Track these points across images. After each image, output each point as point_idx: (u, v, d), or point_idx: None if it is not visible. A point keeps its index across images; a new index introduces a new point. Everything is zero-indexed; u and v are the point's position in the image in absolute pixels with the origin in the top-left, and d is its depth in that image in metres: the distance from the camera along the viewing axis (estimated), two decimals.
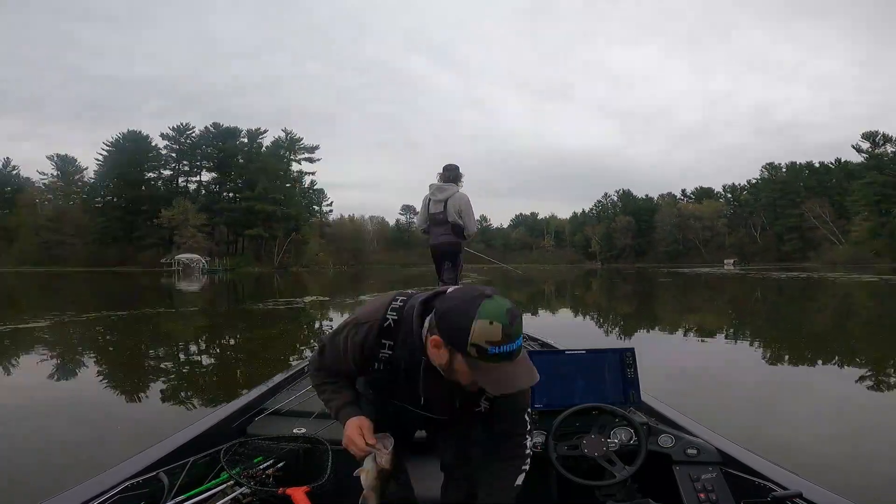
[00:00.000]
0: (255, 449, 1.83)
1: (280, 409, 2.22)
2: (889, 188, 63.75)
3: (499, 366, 1.10)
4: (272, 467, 1.74)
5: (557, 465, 1.73)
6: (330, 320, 11.83)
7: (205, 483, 1.59)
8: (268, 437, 1.93)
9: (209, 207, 67.95)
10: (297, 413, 2.19)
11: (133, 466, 1.52)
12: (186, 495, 1.48)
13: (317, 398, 2.23)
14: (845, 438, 3.66)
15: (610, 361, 2.06)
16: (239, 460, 1.73)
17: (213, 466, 1.69)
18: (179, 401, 4.69)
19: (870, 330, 9.89)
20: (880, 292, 19.30)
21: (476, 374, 1.11)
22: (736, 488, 1.62)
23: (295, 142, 77.23)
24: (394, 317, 1.29)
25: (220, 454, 1.69)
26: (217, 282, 33.78)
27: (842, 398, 4.71)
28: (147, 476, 1.48)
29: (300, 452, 1.87)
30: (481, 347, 1.07)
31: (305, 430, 1.97)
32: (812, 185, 78.98)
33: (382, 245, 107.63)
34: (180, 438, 1.76)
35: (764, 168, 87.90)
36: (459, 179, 4.62)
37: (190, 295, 21.55)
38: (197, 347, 8.01)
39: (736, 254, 78.79)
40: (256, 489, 1.57)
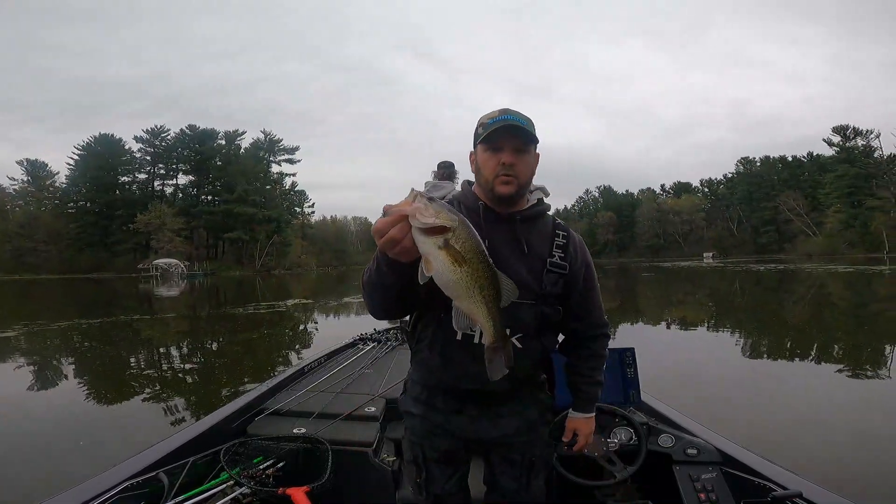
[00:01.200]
0: (255, 449, 1.83)
1: (280, 409, 2.21)
2: (860, 180, 65.61)
3: (496, 130, 1.22)
4: (272, 467, 1.74)
5: (557, 465, 1.71)
6: (315, 323, 11.64)
7: (205, 483, 1.59)
8: (268, 437, 1.93)
9: (187, 211, 66.81)
10: (297, 413, 2.18)
11: (133, 466, 1.50)
12: (186, 495, 1.47)
13: (317, 398, 2.32)
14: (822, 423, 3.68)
15: (610, 361, 2.02)
16: (239, 460, 1.73)
17: (213, 466, 1.68)
18: (146, 417, 4.48)
19: (855, 319, 10.10)
20: (857, 282, 19.80)
21: (481, 143, 1.26)
22: (736, 488, 1.61)
23: (274, 143, 76.36)
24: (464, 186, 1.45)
25: (220, 454, 1.69)
26: (197, 287, 33.15)
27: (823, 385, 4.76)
28: (147, 476, 1.47)
29: (300, 452, 1.86)
30: (485, 124, 1.25)
31: (305, 430, 1.96)
32: (786, 179, 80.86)
33: (366, 246, 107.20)
34: (180, 438, 1.74)
35: (739, 162, 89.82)
36: (455, 176, 4.48)
37: (168, 301, 21.08)
38: (171, 357, 7.78)
39: (714, 247, 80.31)
40: (256, 489, 1.57)
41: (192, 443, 1.74)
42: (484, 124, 1.25)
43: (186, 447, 1.71)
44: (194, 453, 1.69)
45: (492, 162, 1.25)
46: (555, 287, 1.29)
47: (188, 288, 31.50)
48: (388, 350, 3.45)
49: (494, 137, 1.23)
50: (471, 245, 0.84)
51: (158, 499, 1.46)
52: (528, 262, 1.27)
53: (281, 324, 11.20)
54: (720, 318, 10.92)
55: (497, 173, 1.24)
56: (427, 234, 0.82)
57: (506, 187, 1.25)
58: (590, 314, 1.40)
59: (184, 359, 7.20)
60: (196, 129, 71.43)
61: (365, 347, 3.50)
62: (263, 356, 7.32)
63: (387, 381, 2.59)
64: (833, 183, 68.83)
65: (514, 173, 1.24)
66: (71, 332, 10.12)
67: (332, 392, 2.44)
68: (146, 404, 4.78)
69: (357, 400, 2.29)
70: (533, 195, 1.35)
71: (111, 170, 68.08)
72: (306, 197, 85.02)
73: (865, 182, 65.22)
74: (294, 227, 77.54)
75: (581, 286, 1.35)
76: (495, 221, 1.29)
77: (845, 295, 15.58)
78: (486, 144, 1.25)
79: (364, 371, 2.84)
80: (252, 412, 2.16)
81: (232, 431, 1.97)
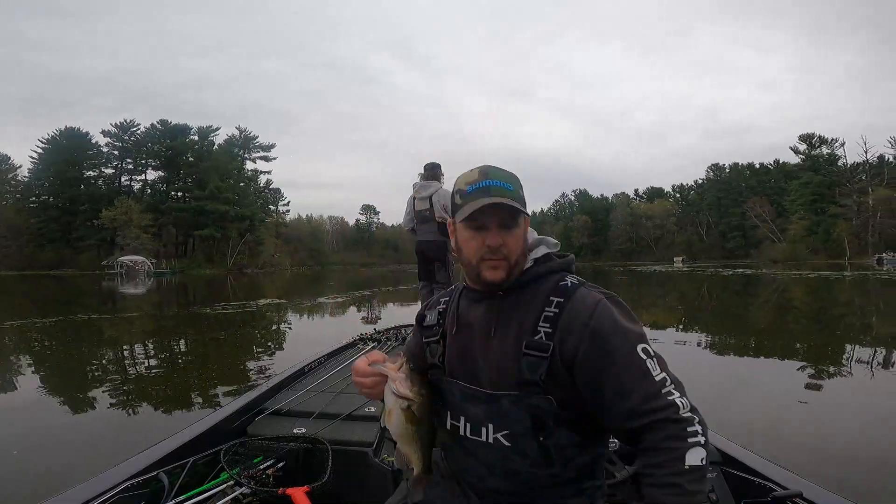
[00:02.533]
0: (255, 449, 1.83)
1: (280, 409, 2.20)
2: (823, 188, 68.29)
3: (476, 202, 1.02)
4: (272, 467, 1.73)
5: None
6: (288, 324, 11.35)
7: (205, 483, 1.58)
8: (268, 437, 1.92)
9: (156, 207, 65.10)
10: (297, 413, 2.18)
11: (133, 466, 1.48)
12: (186, 495, 1.47)
13: (317, 398, 2.34)
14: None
15: None
16: (239, 460, 1.72)
17: (213, 466, 1.68)
18: (91, 433, 4.21)
19: (814, 322, 10.39)
20: (820, 287, 20.50)
21: (457, 217, 1.06)
22: (736, 488, 1.61)
23: (250, 140, 75.10)
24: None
25: (220, 454, 1.68)
26: (165, 285, 32.14)
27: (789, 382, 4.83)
28: (147, 476, 1.46)
29: (300, 452, 1.86)
30: (462, 191, 1.06)
31: (305, 430, 1.96)
32: (753, 186, 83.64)
33: (342, 245, 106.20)
34: (180, 438, 1.72)
35: (710, 169, 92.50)
36: (441, 177, 4.63)
37: (132, 299, 20.34)
38: (126, 359, 7.43)
39: (684, 252, 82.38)
40: (256, 489, 1.56)
41: (192, 443, 1.72)
42: (461, 192, 1.05)
43: (186, 447, 1.69)
44: (194, 453, 1.68)
45: (474, 243, 1.04)
46: (534, 374, 0.99)
47: (154, 286, 30.51)
48: (387, 350, 3.43)
49: (476, 216, 1.02)
50: (425, 412, 1.03)
51: (158, 499, 1.45)
52: (502, 346, 1.04)
53: (251, 324, 10.87)
54: (700, 321, 11.08)
55: (482, 256, 1.04)
56: (397, 396, 1.01)
57: (494, 272, 1.04)
58: (623, 399, 0.95)
59: (138, 362, 6.87)
60: (168, 123, 69.69)
61: (365, 347, 3.49)
62: (230, 360, 7.05)
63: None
64: (798, 190, 71.43)
65: (504, 254, 1.03)
66: (23, 330, 9.60)
67: (332, 392, 2.44)
68: (81, 410, 4.50)
69: (357, 400, 2.29)
70: (534, 253, 1.12)
71: (76, 164, 65.99)
72: (281, 195, 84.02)
73: (829, 190, 67.89)
74: (268, 225, 76.29)
75: (589, 366, 0.98)
76: (475, 300, 1.12)
77: (829, 299, 16.08)
78: (467, 223, 1.04)
79: None
80: (252, 412, 2.15)
81: (232, 431, 1.96)
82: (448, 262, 4.61)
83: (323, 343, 3.76)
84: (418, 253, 4.69)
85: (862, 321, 10.21)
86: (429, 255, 4.61)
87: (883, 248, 57.16)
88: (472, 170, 1.07)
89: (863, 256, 58.55)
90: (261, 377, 5.30)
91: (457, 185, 1.08)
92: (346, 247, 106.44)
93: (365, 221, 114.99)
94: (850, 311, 12.29)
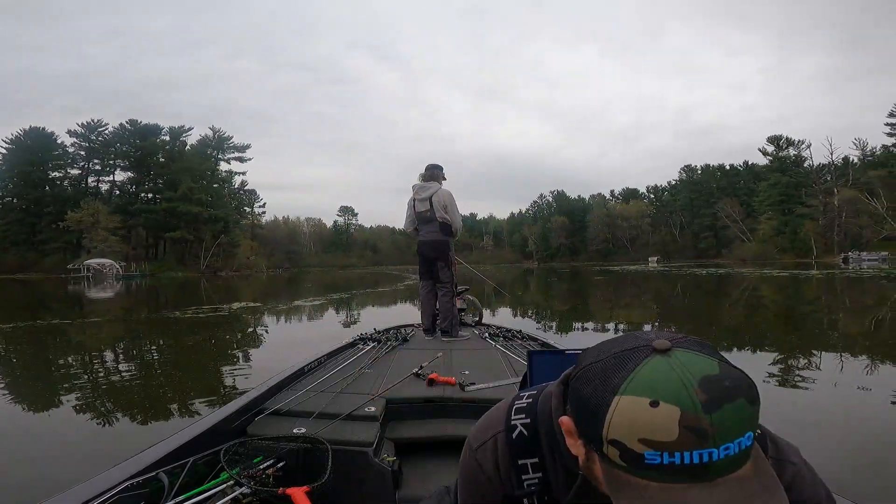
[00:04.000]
0: (255, 449, 1.82)
1: (280, 409, 2.20)
2: (791, 189, 70.53)
3: (666, 488, 0.55)
4: (272, 467, 1.73)
5: None
6: (265, 327, 11.04)
7: (205, 483, 1.57)
8: (268, 437, 1.92)
9: (124, 209, 63.24)
10: (297, 413, 2.17)
11: (133, 466, 1.48)
12: (186, 495, 1.46)
13: (317, 398, 2.34)
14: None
15: None
16: (239, 460, 1.72)
17: (213, 466, 1.68)
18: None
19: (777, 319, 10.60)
20: (788, 285, 21.06)
21: (618, 496, 0.58)
22: None
23: (224, 140, 73.74)
24: (523, 420, 0.80)
25: (220, 454, 1.68)
26: (134, 288, 31.13)
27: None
28: (147, 476, 1.46)
29: (300, 452, 1.86)
30: (628, 450, 0.55)
31: (305, 430, 1.95)
32: (724, 187, 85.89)
33: (320, 247, 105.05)
34: (180, 438, 1.71)
35: (682, 170, 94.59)
36: (441, 177, 4.55)
37: (98, 304, 19.60)
38: (83, 368, 7.07)
39: (658, 252, 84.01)
40: (256, 489, 1.56)
41: (192, 443, 1.71)
42: (623, 446, 0.56)
43: (186, 447, 1.68)
44: (194, 453, 1.67)
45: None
46: None
47: (124, 290, 29.52)
48: (388, 350, 3.44)
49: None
50: None
51: (158, 499, 1.44)
52: None
53: (224, 329, 10.53)
54: (677, 319, 11.20)
55: None
56: None
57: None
58: None
59: (94, 371, 6.54)
60: (137, 123, 67.72)
61: (365, 347, 3.48)
62: (199, 368, 6.77)
63: (387, 381, 2.61)
64: (766, 191, 73.60)
65: None
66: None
67: (332, 392, 2.43)
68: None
69: (357, 400, 2.28)
70: None
71: (41, 164, 63.64)
72: (257, 196, 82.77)
73: (796, 190, 70.15)
74: (243, 227, 74.99)
75: None
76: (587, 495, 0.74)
77: (797, 297, 16.48)
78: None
79: (364, 371, 2.85)
80: (252, 412, 2.14)
81: (232, 431, 1.95)
82: (451, 262, 4.57)
83: (301, 349, 3.64)
84: (420, 253, 4.64)
85: (829, 317, 10.47)
86: (432, 254, 4.56)
87: (848, 247, 59.37)
88: (662, 406, 0.53)
89: (829, 255, 60.65)
90: (232, 391, 5.07)
91: (613, 426, 0.56)
92: (324, 248, 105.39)
93: (343, 223, 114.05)
94: (818, 309, 12.62)
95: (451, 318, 4.29)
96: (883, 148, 66.52)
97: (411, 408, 2.36)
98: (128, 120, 67.97)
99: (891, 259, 47.17)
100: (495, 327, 4.63)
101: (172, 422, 4.03)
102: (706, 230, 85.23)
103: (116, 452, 1.71)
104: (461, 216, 4.68)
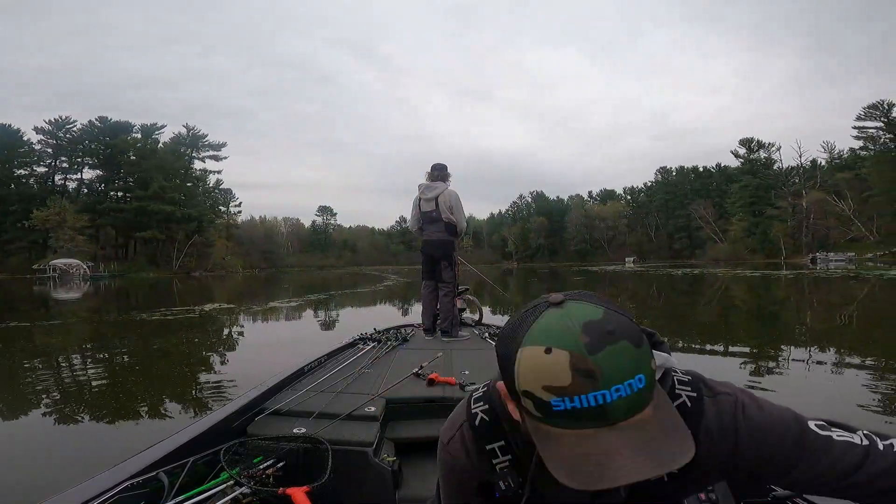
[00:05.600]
0: (255, 449, 1.82)
1: (280, 409, 2.19)
2: (761, 191, 72.44)
3: (577, 435, 0.59)
4: (272, 467, 1.73)
5: None
6: (241, 327, 10.70)
7: (205, 483, 1.58)
8: (268, 437, 1.92)
9: (92, 207, 61.37)
10: (297, 413, 2.17)
11: (133, 466, 1.48)
12: (186, 495, 1.47)
13: (317, 398, 2.35)
14: None
15: None
16: (239, 460, 1.72)
17: (213, 466, 1.68)
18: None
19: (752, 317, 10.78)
20: (759, 285, 21.54)
21: (544, 450, 0.61)
22: (736, 488, 1.53)
23: (198, 138, 72.14)
24: (482, 407, 0.84)
25: (220, 454, 1.69)
26: (102, 289, 30.10)
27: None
28: (147, 476, 1.46)
29: (300, 452, 1.86)
30: (537, 398, 0.60)
31: (305, 430, 1.95)
32: (698, 188, 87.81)
33: (298, 247, 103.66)
34: (180, 438, 1.71)
35: (658, 171, 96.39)
36: (447, 178, 4.58)
37: (62, 305, 18.85)
38: (26, 375, 6.70)
39: (635, 252, 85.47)
40: (256, 489, 1.57)
41: (192, 443, 1.70)
42: (532, 395, 0.61)
43: (186, 447, 1.67)
44: (194, 453, 1.66)
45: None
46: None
47: (91, 290, 28.51)
48: (388, 350, 3.46)
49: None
50: None
51: (158, 499, 1.44)
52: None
53: (194, 332, 10.16)
54: (661, 318, 11.27)
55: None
56: None
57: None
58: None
59: (44, 377, 6.20)
60: (107, 121, 65.86)
61: (365, 347, 3.50)
62: (162, 375, 6.48)
63: (387, 381, 2.62)
64: (737, 193, 75.48)
65: None
66: None
67: (332, 392, 2.43)
68: None
69: (357, 400, 2.29)
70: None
71: (6, 162, 61.44)
72: (233, 195, 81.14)
73: (766, 192, 72.08)
74: (218, 226, 73.40)
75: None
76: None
77: (767, 297, 16.81)
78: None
79: (364, 371, 2.85)
80: (252, 412, 2.13)
81: (232, 431, 1.94)
82: (454, 262, 4.59)
83: (280, 354, 3.48)
84: (424, 253, 4.66)
85: (797, 317, 10.69)
86: (435, 254, 4.57)
87: (816, 248, 61.29)
88: (554, 352, 0.59)
89: (797, 256, 62.51)
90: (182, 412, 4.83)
91: (521, 376, 0.61)
92: (302, 249, 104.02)
93: (322, 223, 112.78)
94: (787, 308, 12.90)
95: (451, 318, 4.31)
96: (850, 151, 68.83)
97: (411, 408, 2.37)
98: (97, 117, 66.14)
99: (857, 260, 48.84)
100: (496, 327, 4.64)
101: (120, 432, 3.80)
102: (681, 231, 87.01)
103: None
104: (466, 217, 4.73)
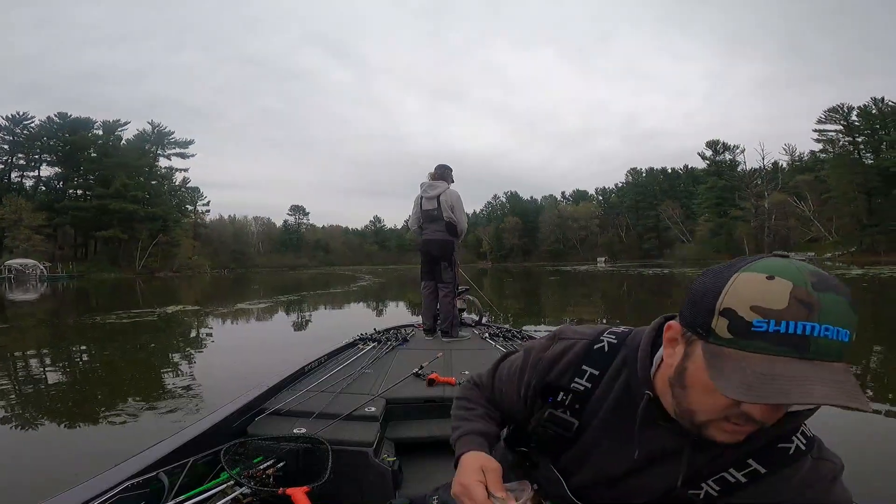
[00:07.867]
0: (255, 449, 1.83)
1: (280, 409, 2.19)
2: (727, 192, 74.64)
3: (769, 360, 0.58)
4: (272, 467, 1.74)
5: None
6: (210, 329, 10.18)
7: (205, 483, 1.59)
8: (268, 437, 1.92)
9: (50, 206, 58.60)
10: (298, 413, 2.16)
11: (133, 466, 1.49)
12: (186, 495, 1.48)
13: (317, 398, 2.35)
14: None
15: None
16: (239, 460, 1.73)
17: (213, 466, 1.69)
18: None
19: None
20: None
21: (717, 372, 0.60)
22: None
23: (164, 135, 69.92)
24: (611, 340, 0.87)
25: (220, 454, 1.69)
26: (59, 290, 28.66)
27: None
28: (147, 476, 1.47)
29: (300, 452, 1.86)
30: (738, 317, 0.59)
31: (305, 430, 1.94)
32: (666, 189, 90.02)
33: (269, 247, 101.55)
34: (180, 438, 1.71)
35: (628, 173, 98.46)
36: (450, 178, 4.58)
37: (17, 306, 17.79)
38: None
39: (607, 252, 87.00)
40: (256, 489, 1.57)
41: (192, 443, 1.70)
42: (734, 314, 0.60)
43: (186, 447, 1.67)
44: (194, 453, 1.66)
45: (721, 403, 0.64)
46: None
47: (49, 292, 27.10)
48: (388, 350, 3.46)
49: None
50: None
51: (158, 499, 1.45)
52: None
53: (155, 335, 9.62)
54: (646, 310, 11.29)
55: (722, 417, 0.65)
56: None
57: (728, 436, 0.67)
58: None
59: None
60: (67, 117, 62.99)
61: (365, 347, 3.50)
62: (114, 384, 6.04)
63: (387, 381, 2.62)
64: (704, 194, 77.60)
65: (758, 427, 0.66)
66: None
67: (332, 392, 2.43)
68: None
69: (357, 400, 2.28)
70: None
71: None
72: (200, 194, 78.81)
73: (731, 193, 74.32)
74: (184, 226, 71.13)
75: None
76: (653, 423, 0.77)
77: None
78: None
79: (364, 371, 2.86)
80: (252, 412, 2.12)
81: (232, 431, 1.93)
82: (454, 262, 4.52)
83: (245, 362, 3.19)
84: (424, 252, 4.62)
85: None
86: (435, 254, 4.51)
87: (777, 248, 63.12)
88: (776, 280, 0.59)
89: None
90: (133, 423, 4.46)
91: (729, 296, 0.61)
92: (274, 248, 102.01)
93: (294, 222, 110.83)
94: None
95: (451, 318, 4.29)
96: (811, 153, 71.55)
97: (411, 408, 2.36)
98: (56, 113, 63.13)
99: (817, 260, 50.79)
100: (495, 327, 4.61)
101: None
102: (650, 231, 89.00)
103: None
104: (466, 217, 4.66)
